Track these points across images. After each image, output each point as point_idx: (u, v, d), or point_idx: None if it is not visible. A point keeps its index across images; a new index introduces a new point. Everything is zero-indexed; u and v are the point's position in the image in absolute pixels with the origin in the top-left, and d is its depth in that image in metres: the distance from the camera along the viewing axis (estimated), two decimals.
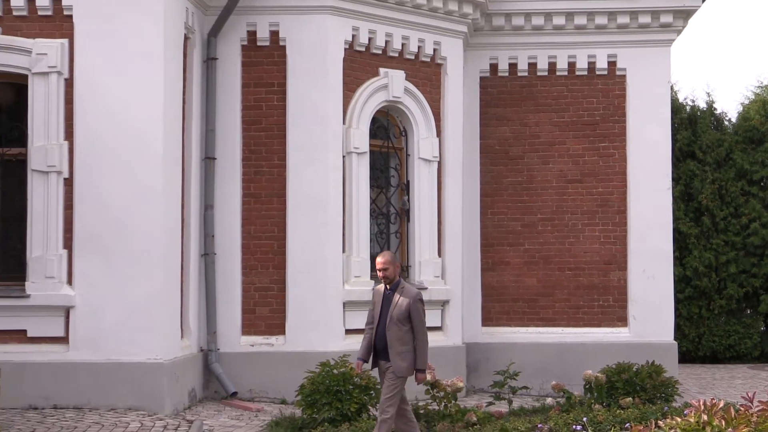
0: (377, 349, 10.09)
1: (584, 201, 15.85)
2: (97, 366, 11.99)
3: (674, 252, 16.62)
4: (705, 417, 5.12)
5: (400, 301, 9.93)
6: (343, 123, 13.93)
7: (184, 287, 13.08)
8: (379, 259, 10.13)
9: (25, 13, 12.38)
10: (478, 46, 15.95)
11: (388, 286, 10.09)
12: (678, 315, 18.49)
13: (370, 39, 14.24)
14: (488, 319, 15.86)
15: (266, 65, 13.96)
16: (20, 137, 12.51)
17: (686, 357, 19.41)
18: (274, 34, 13.91)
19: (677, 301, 18.14)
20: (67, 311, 12.15)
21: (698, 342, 20.42)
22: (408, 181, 14.78)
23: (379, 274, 10.05)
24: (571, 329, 15.73)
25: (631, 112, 15.92)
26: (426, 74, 14.93)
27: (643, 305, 15.72)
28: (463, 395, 12.95)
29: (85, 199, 12.21)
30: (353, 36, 14.07)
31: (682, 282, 19.90)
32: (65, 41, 12.30)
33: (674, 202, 16.96)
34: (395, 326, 9.90)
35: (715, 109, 21.87)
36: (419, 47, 14.77)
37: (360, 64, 14.21)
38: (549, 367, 14.91)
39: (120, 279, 12.08)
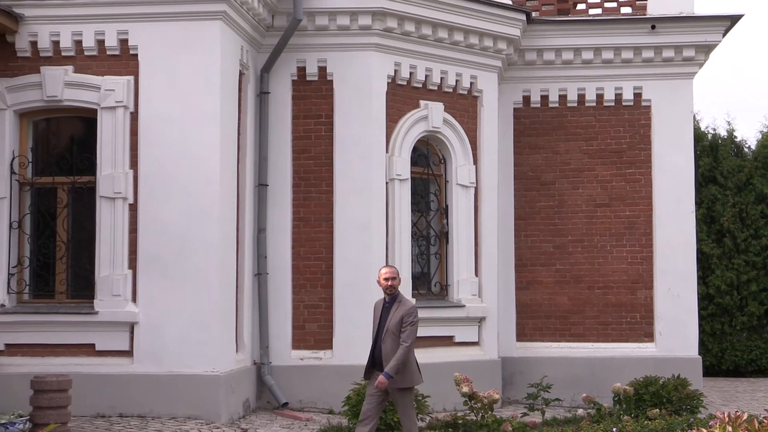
0: (375, 360, 9.86)
1: (612, 224, 15.78)
2: (159, 378, 12.06)
3: (698, 271, 16.45)
4: (730, 428, 5.10)
5: (396, 312, 9.74)
6: (387, 152, 13.96)
7: (238, 304, 13.11)
8: (386, 271, 9.98)
9: (95, 53, 12.57)
10: (511, 79, 15.95)
11: (387, 299, 9.93)
12: (702, 331, 18.31)
13: (411, 73, 14.29)
14: (522, 335, 15.80)
15: (315, 98, 14.00)
16: (90, 166, 12.62)
17: (710, 371, 19.21)
18: (322, 70, 13.98)
19: (701, 317, 17.95)
20: (131, 327, 12.24)
21: (721, 356, 20.25)
22: (447, 206, 14.78)
23: (387, 283, 9.85)
24: (601, 344, 15.63)
25: (656, 140, 15.85)
26: (463, 106, 14.94)
27: (668, 322, 15.60)
28: (498, 406, 12.91)
29: (148, 222, 12.30)
30: (395, 71, 14.12)
31: (705, 300, 19.75)
32: (131, 78, 12.44)
33: (697, 224, 16.84)
34: (391, 337, 9.69)
35: (735, 137, 21.76)
36: (457, 81, 14.80)
37: (402, 96, 14.25)
38: (580, 380, 14.80)
39: (180, 297, 12.14)
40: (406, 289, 13.83)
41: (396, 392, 9.71)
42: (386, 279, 9.87)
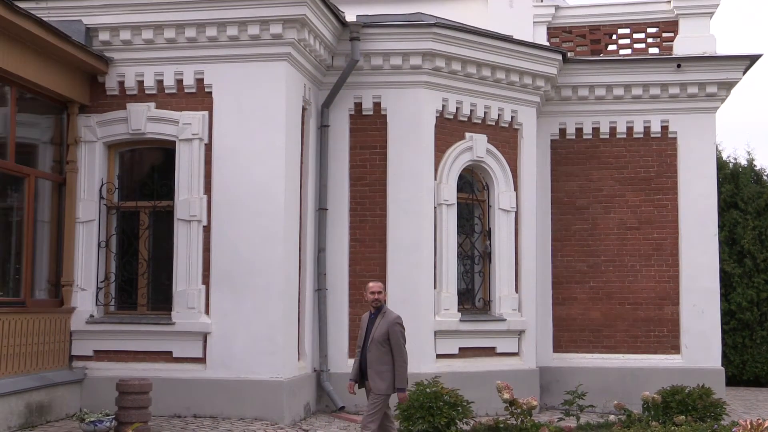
0: (362, 369, 9.79)
1: (641, 245, 15.67)
2: (229, 382, 12.16)
3: (721, 289, 16.32)
4: None
5: (381, 324, 9.63)
6: (435, 179, 13.97)
7: (300, 317, 13.17)
8: (372, 285, 9.86)
9: (174, 91, 12.78)
10: (549, 113, 15.91)
11: (373, 311, 9.80)
12: (724, 344, 18.11)
13: (457, 108, 14.31)
14: (559, 347, 15.69)
15: (370, 131, 14.06)
16: (169, 192, 12.79)
17: (732, 381, 18.92)
18: (377, 105, 14.05)
19: (723, 332, 17.76)
20: (204, 336, 12.36)
21: (742, 368, 19.95)
22: (490, 228, 14.74)
23: (373, 296, 9.74)
24: (631, 356, 15.49)
25: (681, 168, 15.74)
26: (505, 137, 14.92)
27: (693, 335, 15.43)
28: (537, 412, 12.85)
29: (219, 243, 12.44)
30: (443, 106, 14.15)
31: (727, 315, 19.51)
32: (206, 113, 12.62)
33: (720, 246, 16.63)
34: (375, 347, 9.60)
35: (755, 165, 21.52)
36: (499, 115, 14.79)
37: (449, 129, 14.27)
38: (611, 389, 14.65)
39: (248, 310, 12.25)
40: (452, 304, 13.88)
41: (374, 396, 9.62)
42: (372, 293, 9.78)
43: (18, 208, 12.28)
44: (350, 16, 13.90)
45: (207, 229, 12.49)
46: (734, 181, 20.97)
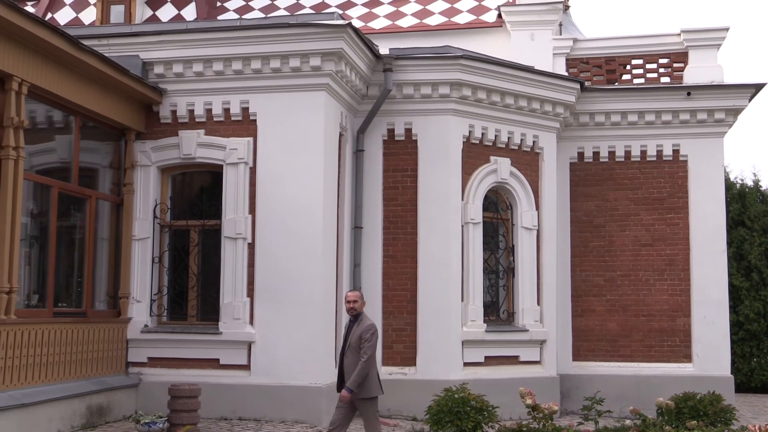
0: (339, 375, 9.53)
1: (655, 261, 15.55)
2: (272, 388, 12.20)
3: (729, 302, 16.16)
4: None
5: (356, 331, 9.38)
6: (462, 199, 13.96)
7: (337, 327, 13.14)
8: (350, 294, 9.66)
9: (222, 119, 12.89)
10: (568, 138, 15.86)
11: (351, 319, 9.57)
12: (733, 353, 17.91)
13: (482, 133, 14.30)
14: (578, 356, 15.56)
15: (402, 155, 14.08)
16: (216, 212, 12.88)
17: (741, 388, 18.69)
18: (408, 131, 14.07)
19: (732, 342, 17.58)
20: (249, 345, 12.41)
21: (750, 375, 19.72)
22: (513, 245, 14.69)
23: (348, 305, 9.53)
24: (646, 364, 15.33)
25: (692, 189, 15.61)
26: (527, 161, 14.89)
27: (704, 345, 15.26)
28: (557, 417, 12.72)
29: (263, 259, 12.50)
30: (469, 131, 14.15)
31: (736, 326, 19.31)
32: (250, 139, 12.71)
33: (728, 261, 16.45)
34: (351, 353, 9.33)
35: (761, 186, 21.37)
36: (522, 139, 14.76)
37: (475, 153, 14.26)
38: (627, 395, 14.50)
39: (289, 321, 12.29)
40: (478, 316, 13.83)
41: (359, 402, 9.34)
42: (347, 302, 9.58)
43: (80, 227, 12.43)
44: (383, 49, 13.99)
45: (251, 246, 12.55)
46: (741, 201, 20.81)
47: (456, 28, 17.32)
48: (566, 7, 18.23)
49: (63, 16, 18.77)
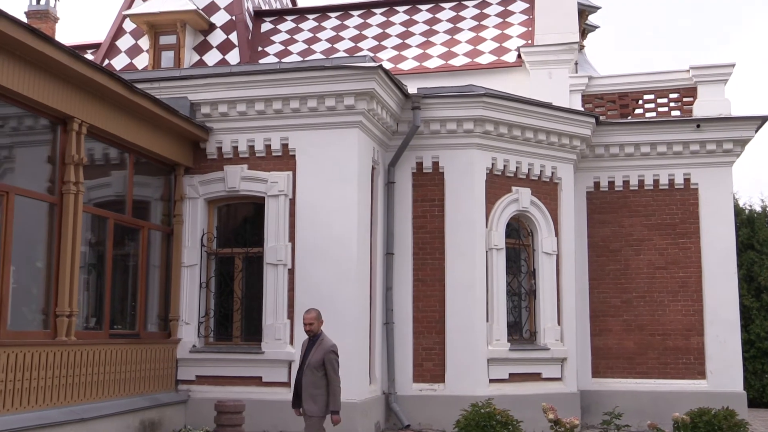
0: (298, 393, 9.30)
1: (669, 283, 15.38)
2: None
3: (741, 321, 15.90)
4: None
5: (317, 351, 9.20)
6: (486, 227, 13.93)
7: (371, 347, 13.16)
8: (307, 315, 9.45)
9: (264, 154, 12.98)
10: (584, 168, 15.79)
11: (310, 338, 9.37)
12: (745, 370, 17.62)
13: (504, 165, 14.28)
14: (597, 372, 15.38)
15: (430, 186, 14.08)
16: (259, 240, 12.93)
17: (753, 403, 18.38)
18: (435, 164, 14.09)
19: (744, 359, 17.30)
20: (289, 364, 12.38)
21: (762, 391, 19.40)
22: (534, 269, 14.61)
23: (306, 327, 9.37)
24: (662, 381, 15.11)
25: (703, 215, 15.45)
26: (546, 190, 14.84)
27: (717, 363, 15.04)
28: (578, 431, 12.59)
29: (302, 283, 12.51)
30: (492, 164, 14.14)
31: (747, 344, 19.05)
32: (290, 173, 12.77)
33: (739, 283, 16.22)
34: (310, 372, 9.14)
35: None
36: (541, 170, 14.73)
37: (497, 183, 14.24)
38: (645, 410, 14.30)
39: None
40: (502, 335, 13.74)
41: (308, 418, 9.18)
42: (306, 323, 9.39)
43: (134, 255, 12.53)
44: (412, 89, 14.06)
45: (291, 272, 12.58)
46: (750, 226, 20.59)
47: (479, 68, 17.39)
48: (581, 47, 18.27)
49: (119, 62, 19.09)
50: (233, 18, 18.97)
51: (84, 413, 10.32)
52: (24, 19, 21.04)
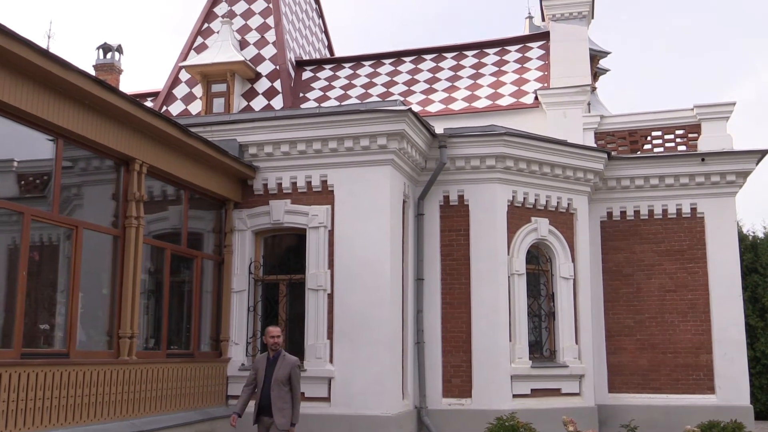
0: (261, 407, 9.00)
1: (678, 305, 15.15)
2: (349, 417, 12.11)
3: (747, 339, 15.59)
4: None
5: (282, 366, 8.98)
6: (508, 254, 13.85)
7: (404, 364, 13.08)
8: (274, 330, 9.20)
9: (305, 190, 13.04)
10: (598, 200, 15.68)
11: (271, 355, 9.09)
12: (752, 385, 17.25)
13: (524, 198, 14.23)
14: (613, 388, 15.13)
15: (456, 217, 14.05)
16: (301, 268, 12.96)
17: (759, 416, 17.93)
18: (461, 197, 14.07)
19: (751, 375, 16.96)
20: (329, 380, 12.37)
21: None
22: (553, 293, 14.47)
23: (272, 341, 9.12)
24: (673, 395, 14.84)
25: (709, 242, 15.24)
26: (563, 220, 14.75)
27: (725, 378, 14.74)
28: None
29: (340, 306, 12.50)
30: (513, 196, 14.09)
31: (753, 361, 18.62)
32: (329, 206, 12.81)
33: (744, 304, 15.98)
34: (277, 386, 8.92)
35: None
36: (558, 202, 14.65)
37: (518, 214, 14.18)
38: (657, 423, 14.08)
39: (363, 359, 12.23)
40: (524, 354, 13.60)
41: (276, 430, 8.98)
42: (272, 337, 9.13)
43: (188, 282, 12.62)
44: (438, 129, 14.09)
45: (330, 296, 12.58)
46: (754, 251, 20.23)
47: (500, 110, 17.42)
48: (593, 89, 18.23)
49: (175, 108, 19.37)
50: (277, 68, 19.19)
51: (144, 426, 10.36)
52: (92, 72, 21.48)
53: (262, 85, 19.01)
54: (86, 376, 9.55)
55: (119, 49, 22.52)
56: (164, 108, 19.32)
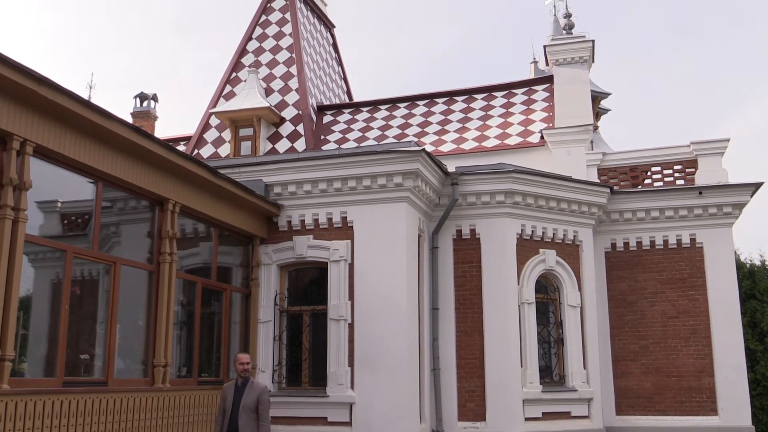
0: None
1: (681, 330, 14.98)
2: None
3: (747, 363, 15.38)
4: None
5: (251, 392, 8.72)
6: (518, 284, 13.78)
7: (421, 390, 12.97)
8: (243, 357, 8.93)
9: (326, 226, 13.06)
10: (602, 231, 15.61)
11: (239, 381, 8.82)
12: (753, 406, 16.90)
13: (532, 230, 14.19)
14: (620, 411, 14.91)
15: (468, 250, 14.00)
16: (323, 299, 12.95)
17: None
18: (473, 231, 14.04)
19: (752, 396, 16.61)
20: (350, 406, 12.28)
21: None
22: (561, 320, 14.36)
23: (242, 367, 8.88)
24: (677, 417, 14.60)
25: (708, 270, 15.09)
26: (569, 251, 14.68)
27: (727, 400, 14.51)
28: None
29: (360, 335, 12.45)
30: (522, 229, 14.06)
31: (754, 383, 18.23)
32: (349, 241, 12.81)
33: (744, 329, 15.75)
34: (245, 413, 8.62)
35: (767, 264, 20.51)
36: (564, 234, 14.59)
37: (527, 246, 14.13)
38: None
39: (382, 385, 12.14)
40: (534, 379, 13.45)
41: None
42: (242, 363, 8.88)
43: (218, 313, 12.63)
44: (450, 167, 14.13)
45: (351, 326, 12.54)
46: (752, 278, 19.93)
47: (508, 149, 17.44)
48: (595, 128, 18.23)
49: (206, 151, 19.55)
50: (300, 112, 19.37)
51: None
52: (130, 119, 21.79)
53: (286, 128, 19.17)
54: (123, 403, 9.56)
55: (154, 98, 22.83)
56: (196, 151, 19.51)
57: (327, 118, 20.25)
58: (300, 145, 18.79)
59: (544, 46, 18.45)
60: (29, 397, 8.16)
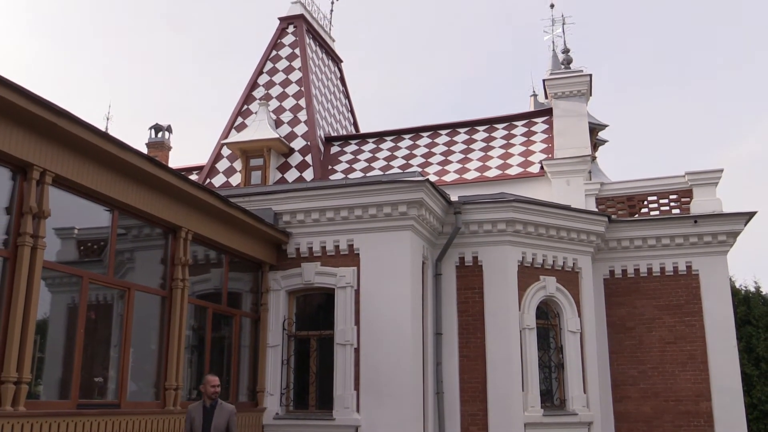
0: None
1: (678, 355, 14.84)
2: None
3: (743, 387, 15.22)
4: None
5: (220, 414, 8.57)
6: (519, 310, 13.70)
7: (425, 413, 12.85)
8: (213, 379, 8.78)
9: (333, 253, 13.05)
10: (600, 259, 15.55)
11: (208, 403, 8.65)
12: (749, 430, 16.72)
13: (533, 258, 14.14)
14: None
15: (470, 276, 13.95)
16: (330, 324, 12.89)
17: None
18: (475, 258, 14.01)
19: (748, 420, 16.50)
20: (356, 428, 12.18)
21: None
22: (561, 345, 14.23)
23: (213, 389, 8.71)
24: None
25: (704, 297, 14.99)
26: (569, 278, 14.60)
27: (724, 424, 14.31)
28: None
29: (366, 360, 12.38)
30: (522, 257, 14.01)
31: (750, 407, 18.14)
32: (355, 268, 12.80)
33: (740, 354, 15.63)
34: None
35: (762, 291, 20.47)
36: (564, 261, 14.54)
37: (527, 273, 14.07)
38: None
39: (387, 409, 12.05)
40: (536, 403, 13.32)
41: None
42: (213, 386, 8.72)
43: (228, 337, 12.59)
44: (453, 197, 14.14)
45: (357, 351, 12.48)
46: (747, 304, 19.92)
47: (509, 179, 17.43)
48: (593, 158, 18.25)
49: (217, 181, 19.61)
50: (308, 144, 19.45)
51: None
52: (145, 149, 21.90)
53: (295, 159, 19.24)
54: (135, 425, 9.49)
55: (169, 129, 22.96)
56: (208, 180, 19.57)
57: (334, 149, 20.32)
58: (308, 174, 18.83)
59: (544, 80, 18.55)
60: (44, 419, 8.11)
